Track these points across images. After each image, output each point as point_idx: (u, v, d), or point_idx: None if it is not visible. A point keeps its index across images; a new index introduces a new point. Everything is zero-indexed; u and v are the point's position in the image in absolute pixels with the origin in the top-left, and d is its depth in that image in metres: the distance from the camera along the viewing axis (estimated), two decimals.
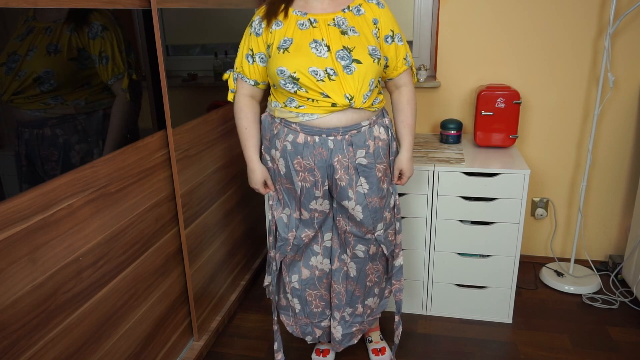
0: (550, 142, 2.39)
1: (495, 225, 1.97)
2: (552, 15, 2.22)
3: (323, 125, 1.46)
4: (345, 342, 1.75)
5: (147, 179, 1.58)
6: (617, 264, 2.38)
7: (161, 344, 1.72)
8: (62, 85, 1.21)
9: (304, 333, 1.77)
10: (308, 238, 1.62)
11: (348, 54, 1.41)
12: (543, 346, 1.94)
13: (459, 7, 2.29)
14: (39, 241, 1.16)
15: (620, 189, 2.39)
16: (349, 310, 1.72)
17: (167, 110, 1.64)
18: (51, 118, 1.19)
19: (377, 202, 1.56)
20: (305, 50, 1.40)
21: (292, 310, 1.75)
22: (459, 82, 2.40)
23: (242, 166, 2.27)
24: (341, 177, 1.50)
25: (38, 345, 1.17)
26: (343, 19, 1.44)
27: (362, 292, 1.70)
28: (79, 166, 1.27)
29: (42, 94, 1.16)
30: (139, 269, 1.56)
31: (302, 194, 1.55)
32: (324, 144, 1.47)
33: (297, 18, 1.45)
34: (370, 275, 1.68)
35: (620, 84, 2.25)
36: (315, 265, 1.68)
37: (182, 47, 1.82)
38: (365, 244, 1.61)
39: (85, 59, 1.28)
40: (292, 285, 1.70)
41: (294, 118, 1.47)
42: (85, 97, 1.29)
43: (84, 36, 1.27)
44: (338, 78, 1.40)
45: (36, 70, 1.13)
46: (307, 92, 1.42)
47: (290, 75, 1.40)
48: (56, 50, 1.19)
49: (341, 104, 1.42)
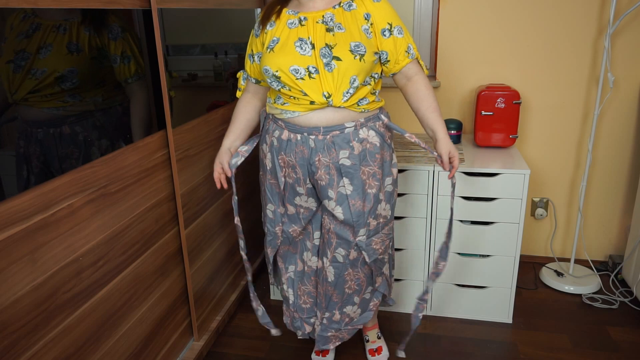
0: (550, 142, 2.39)
1: (495, 225, 1.97)
2: (552, 15, 2.22)
3: (304, 124, 1.46)
4: (321, 344, 1.73)
5: (147, 179, 1.58)
6: (617, 264, 2.38)
7: (161, 344, 1.72)
8: (83, 84, 1.25)
9: (295, 327, 1.78)
10: (296, 233, 1.63)
11: (329, 51, 1.40)
12: (543, 346, 1.94)
13: (459, 7, 2.29)
14: (39, 241, 1.16)
15: (620, 189, 2.39)
16: (327, 314, 1.68)
17: (167, 110, 1.64)
18: (70, 116, 1.22)
19: (360, 205, 1.51)
20: (289, 49, 1.41)
21: (286, 301, 1.77)
22: (459, 82, 2.40)
23: (242, 166, 2.27)
24: (321, 177, 1.49)
25: (38, 345, 1.17)
26: (332, 15, 1.43)
27: (339, 298, 1.65)
28: (81, 165, 1.27)
29: (61, 92, 1.19)
30: (139, 269, 1.56)
31: (285, 190, 1.57)
32: (305, 142, 1.47)
33: (288, 17, 1.46)
34: (349, 282, 1.63)
35: (620, 84, 2.25)
36: (306, 261, 1.69)
37: (182, 47, 1.82)
38: (345, 248, 1.57)
39: (103, 58, 1.33)
40: (288, 274, 1.72)
41: (279, 114, 1.50)
42: (102, 94, 1.34)
43: (103, 37, 1.33)
44: (319, 76, 1.40)
45: (58, 68, 1.17)
46: (290, 90, 1.43)
47: (273, 74, 1.42)
48: (78, 50, 1.23)
49: (319, 102, 1.41)
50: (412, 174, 1.98)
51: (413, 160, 2.03)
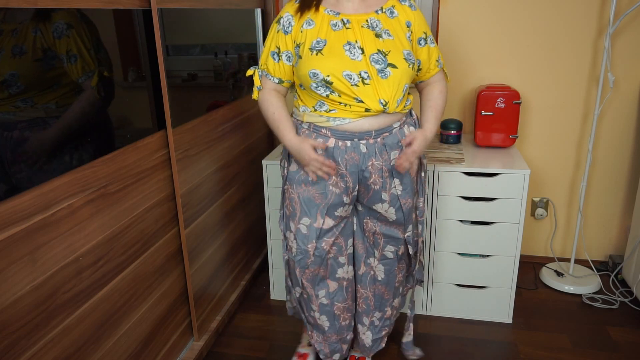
0: (550, 142, 2.39)
1: (495, 225, 1.97)
2: (552, 15, 2.22)
3: (355, 130, 1.41)
4: (375, 347, 1.72)
5: (147, 179, 1.58)
6: (617, 264, 2.38)
7: (161, 344, 1.72)
8: (29, 87, 1.18)
9: (333, 351, 1.69)
10: (328, 245, 1.54)
11: (383, 57, 1.36)
12: (543, 346, 1.94)
13: (459, 7, 2.29)
14: (39, 241, 1.16)
15: (620, 189, 2.39)
16: (378, 314, 1.68)
17: (167, 110, 1.64)
18: (21, 121, 1.16)
19: (410, 202, 1.53)
20: (339, 53, 1.35)
21: (321, 329, 1.67)
22: (458, 82, 2.40)
23: (242, 166, 2.27)
24: (375, 181, 1.46)
25: (38, 345, 1.17)
26: (377, 21, 1.40)
27: (390, 294, 1.67)
28: (79, 166, 1.27)
29: (11, 97, 1.13)
30: (139, 269, 1.56)
31: (331, 200, 1.48)
32: (355, 148, 1.43)
33: (330, 18, 1.39)
34: (398, 276, 1.66)
35: (620, 84, 2.25)
36: (343, 276, 1.62)
37: (182, 47, 1.82)
38: (395, 245, 1.58)
39: (52, 59, 1.24)
40: (319, 301, 1.61)
41: (324, 122, 1.42)
42: (56, 100, 1.25)
43: (49, 36, 1.23)
44: (372, 82, 1.36)
45: (2, 73, 1.11)
46: (340, 96, 1.37)
47: (323, 79, 1.35)
48: (21, 52, 1.16)
49: (375, 109, 1.38)
50: None
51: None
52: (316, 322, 1.67)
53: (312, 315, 1.66)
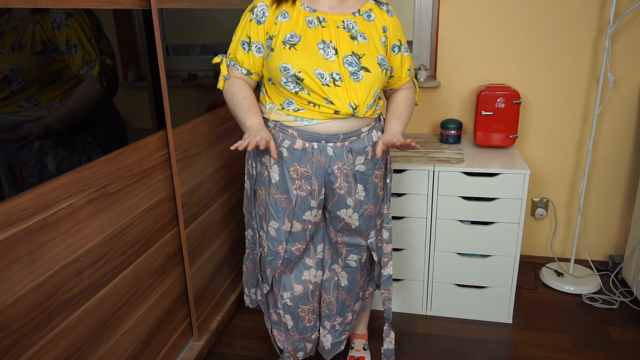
0: (550, 142, 2.39)
1: (495, 225, 1.97)
2: (552, 15, 2.22)
3: (322, 132, 1.38)
4: (335, 351, 1.71)
5: (147, 179, 1.58)
6: (617, 264, 2.38)
7: (161, 344, 1.72)
8: (30, 83, 1.14)
9: (296, 349, 1.69)
10: (299, 251, 1.53)
11: (357, 60, 1.35)
12: (543, 346, 1.94)
13: (459, 7, 2.29)
14: (39, 241, 1.16)
15: (620, 189, 2.39)
16: (339, 319, 1.67)
17: (167, 110, 1.64)
18: (26, 121, 1.13)
19: (372, 209, 1.51)
20: (313, 51, 1.33)
21: (284, 326, 1.66)
22: (459, 82, 2.40)
23: (242, 166, 2.27)
24: (340, 185, 1.44)
25: (38, 345, 1.17)
26: (353, 23, 1.38)
27: (352, 300, 1.66)
28: (79, 166, 1.27)
29: (13, 95, 1.10)
30: (139, 269, 1.56)
31: (296, 204, 1.45)
32: (322, 150, 1.40)
33: (306, 14, 1.37)
34: (359, 282, 1.65)
35: (620, 84, 2.25)
36: (309, 279, 1.60)
37: (182, 47, 1.82)
38: (358, 253, 1.57)
39: (52, 51, 1.20)
40: (284, 301, 1.60)
41: (291, 122, 1.39)
42: (60, 97, 1.22)
43: (48, 27, 1.19)
44: (344, 84, 1.34)
45: (2, 69, 1.07)
46: (310, 94, 1.34)
47: (294, 74, 1.31)
48: (20, 46, 1.12)
49: (344, 112, 1.36)
50: (411, 174, 1.98)
51: (413, 160, 2.03)
52: (280, 319, 1.66)
53: (276, 312, 1.66)
